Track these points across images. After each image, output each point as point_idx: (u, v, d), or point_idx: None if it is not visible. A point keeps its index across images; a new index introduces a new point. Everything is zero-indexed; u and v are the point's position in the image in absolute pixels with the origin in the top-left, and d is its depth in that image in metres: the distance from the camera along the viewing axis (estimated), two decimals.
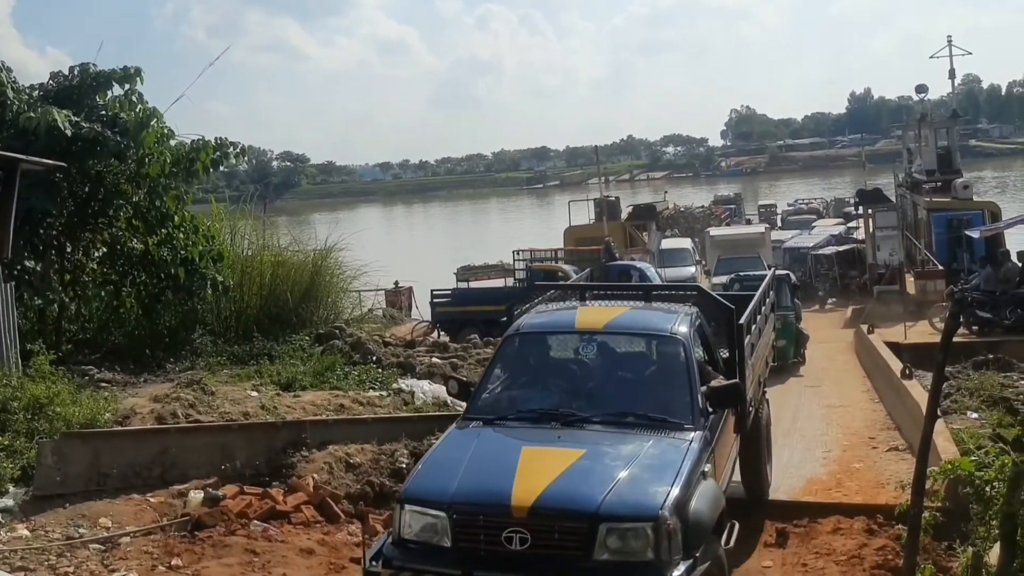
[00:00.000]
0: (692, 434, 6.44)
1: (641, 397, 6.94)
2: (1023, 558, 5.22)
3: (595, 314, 7.76)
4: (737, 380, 7.29)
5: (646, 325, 7.61)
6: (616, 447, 6.27)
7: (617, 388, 7.12)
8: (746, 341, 8.18)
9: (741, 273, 21.18)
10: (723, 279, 23.97)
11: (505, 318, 22.91)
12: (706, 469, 6.24)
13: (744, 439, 8.34)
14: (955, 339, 6.96)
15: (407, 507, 5.96)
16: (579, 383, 7.25)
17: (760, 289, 10.10)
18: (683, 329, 7.26)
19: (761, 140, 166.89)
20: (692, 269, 30.61)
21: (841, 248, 30.78)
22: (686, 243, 34.71)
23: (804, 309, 25.82)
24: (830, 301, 28.20)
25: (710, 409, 6.77)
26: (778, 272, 17.01)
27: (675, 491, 5.72)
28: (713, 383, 6.96)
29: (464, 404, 7.40)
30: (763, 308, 9.93)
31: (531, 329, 7.76)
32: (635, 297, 8.89)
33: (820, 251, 31.12)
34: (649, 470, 5.97)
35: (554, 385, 7.29)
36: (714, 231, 36.45)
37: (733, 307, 8.18)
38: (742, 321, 8.13)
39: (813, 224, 41.26)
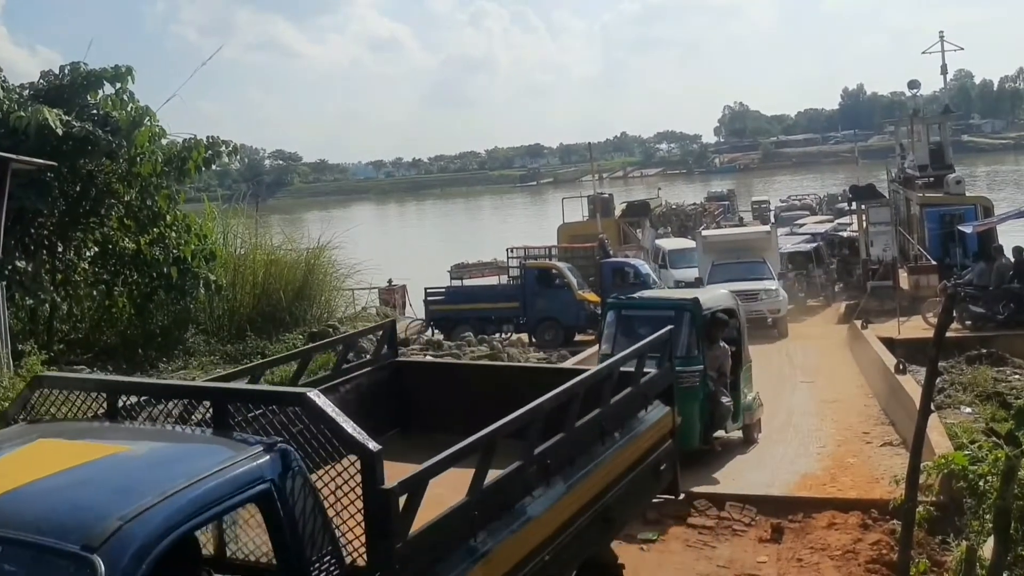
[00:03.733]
0: None
1: None
2: (1017, 552, 5.23)
3: None
4: None
5: (36, 521, 3.05)
6: None
7: None
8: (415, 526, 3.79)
9: (627, 297, 12.85)
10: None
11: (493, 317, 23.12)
12: None
13: None
14: (948, 334, 6.96)
15: None
16: None
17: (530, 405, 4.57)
18: (134, 533, 2.95)
19: (754, 136, 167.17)
20: None
21: (795, 249, 27.99)
22: (691, 243, 33.59)
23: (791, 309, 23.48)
24: (807, 302, 25.70)
25: None
26: (683, 301, 11.36)
27: None
28: None
29: None
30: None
31: None
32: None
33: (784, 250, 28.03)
34: None
35: None
36: (707, 231, 30.25)
37: (375, 449, 3.62)
38: (393, 486, 3.64)
39: (799, 221, 40.85)
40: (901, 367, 13.30)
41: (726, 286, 19.91)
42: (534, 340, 22.02)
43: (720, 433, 11.33)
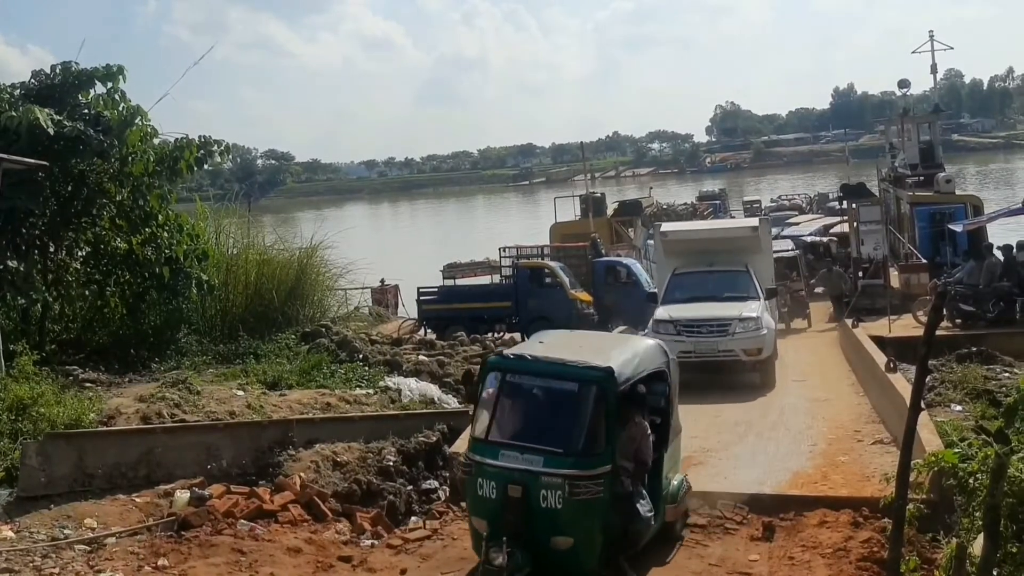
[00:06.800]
0: None
1: None
2: (1007, 549, 5.27)
3: None
4: None
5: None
6: None
7: None
8: None
9: (515, 356, 8.16)
10: (679, 312, 15.79)
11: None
12: None
13: None
14: (938, 332, 6.99)
15: None
16: None
17: None
18: None
19: (746, 136, 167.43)
20: None
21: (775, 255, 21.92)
22: None
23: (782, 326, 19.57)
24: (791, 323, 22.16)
25: None
26: (591, 371, 7.62)
27: None
28: None
29: None
30: None
31: None
32: None
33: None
34: None
35: None
36: (669, 225, 22.05)
37: None
38: None
39: (789, 220, 40.66)
40: (892, 365, 13.34)
41: (687, 308, 15.88)
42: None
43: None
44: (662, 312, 16.08)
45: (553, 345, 8.29)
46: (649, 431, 8.00)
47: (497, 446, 7.29)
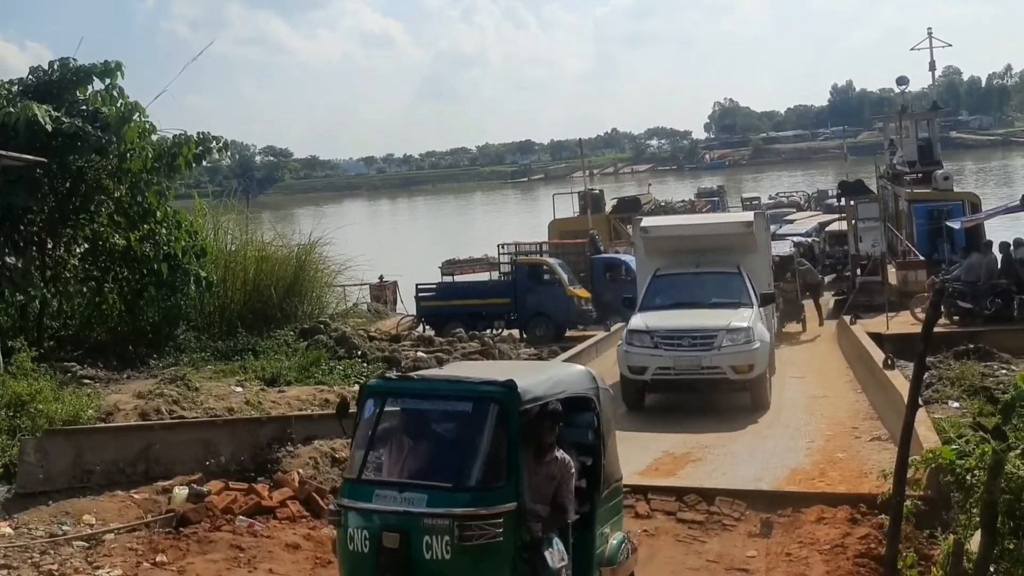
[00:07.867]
0: None
1: None
2: (1004, 545, 5.28)
3: None
4: None
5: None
6: None
7: None
8: None
9: (399, 376, 7.56)
10: (657, 321, 13.83)
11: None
12: None
13: None
14: (936, 329, 7.00)
15: None
16: None
17: None
18: None
19: (744, 133, 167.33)
20: None
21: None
22: None
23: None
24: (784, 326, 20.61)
25: None
26: (489, 387, 5.98)
27: None
28: None
29: None
30: None
31: None
32: None
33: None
34: None
35: None
36: (650, 220, 18.86)
37: None
38: None
39: (786, 218, 40.49)
40: (889, 362, 13.35)
41: (667, 316, 13.98)
42: (525, 336, 22.07)
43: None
44: (638, 320, 13.99)
45: (455, 368, 7.17)
46: (574, 470, 6.25)
47: (372, 485, 5.80)
